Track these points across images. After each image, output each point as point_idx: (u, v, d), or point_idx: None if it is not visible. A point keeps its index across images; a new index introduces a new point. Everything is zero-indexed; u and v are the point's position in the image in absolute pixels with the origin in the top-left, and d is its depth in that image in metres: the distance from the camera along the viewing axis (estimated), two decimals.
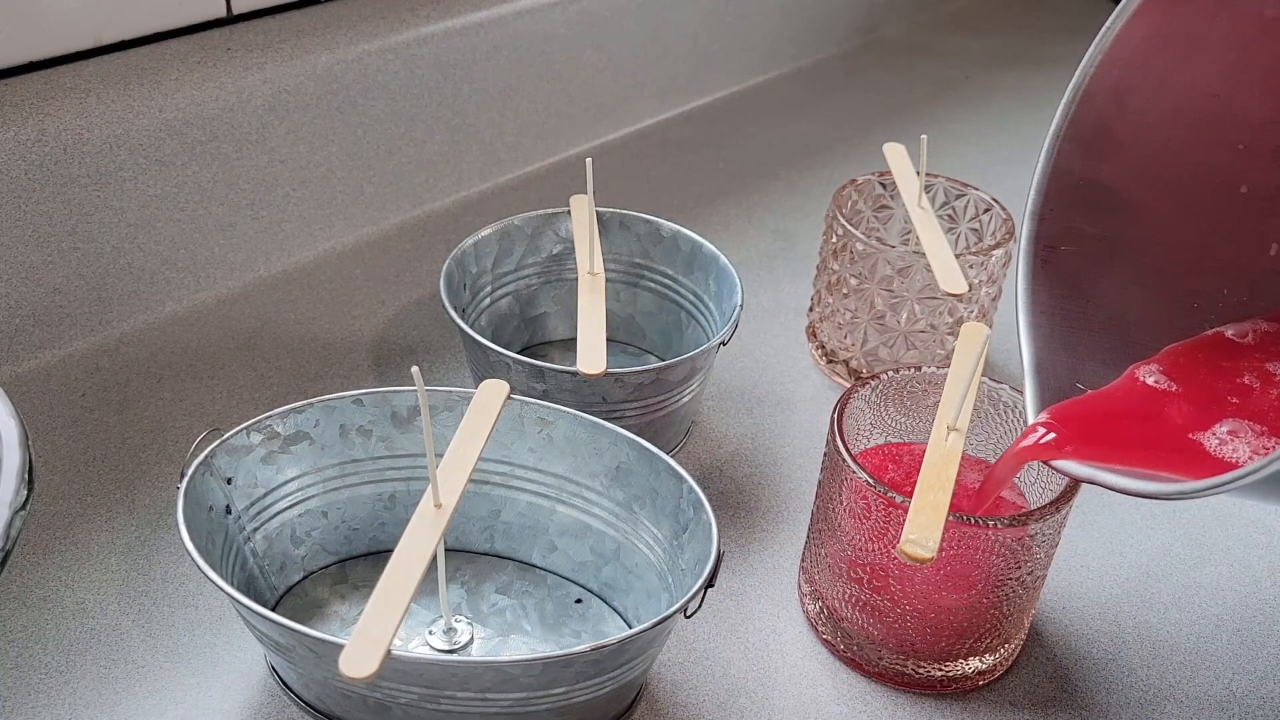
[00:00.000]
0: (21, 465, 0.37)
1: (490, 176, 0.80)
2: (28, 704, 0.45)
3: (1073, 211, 0.48)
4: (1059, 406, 0.45)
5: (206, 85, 0.63)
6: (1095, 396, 0.46)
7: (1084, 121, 0.48)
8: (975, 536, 0.43)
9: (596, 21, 0.82)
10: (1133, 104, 0.48)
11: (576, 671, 0.40)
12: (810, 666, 0.49)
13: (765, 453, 0.60)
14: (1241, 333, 0.48)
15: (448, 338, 0.66)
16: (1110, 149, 0.48)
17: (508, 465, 0.50)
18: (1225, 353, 0.47)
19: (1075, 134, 0.48)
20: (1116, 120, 0.48)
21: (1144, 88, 0.47)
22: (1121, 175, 0.49)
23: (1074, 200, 0.48)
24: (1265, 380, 0.46)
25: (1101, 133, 0.48)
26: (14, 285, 0.59)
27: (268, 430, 0.48)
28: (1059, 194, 0.48)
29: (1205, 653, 0.51)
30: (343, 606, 0.49)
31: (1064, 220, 0.48)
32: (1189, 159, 0.48)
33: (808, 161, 0.87)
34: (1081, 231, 0.48)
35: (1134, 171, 0.49)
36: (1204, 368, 0.46)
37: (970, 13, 1.17)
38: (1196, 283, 0.49)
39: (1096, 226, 0.48)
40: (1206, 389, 0.45)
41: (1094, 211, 0.49)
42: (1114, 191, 0.49)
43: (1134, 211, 0.49)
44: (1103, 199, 0.49)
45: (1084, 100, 0.48)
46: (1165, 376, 0.46)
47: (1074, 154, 0.48)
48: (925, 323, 0.61)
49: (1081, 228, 0.48)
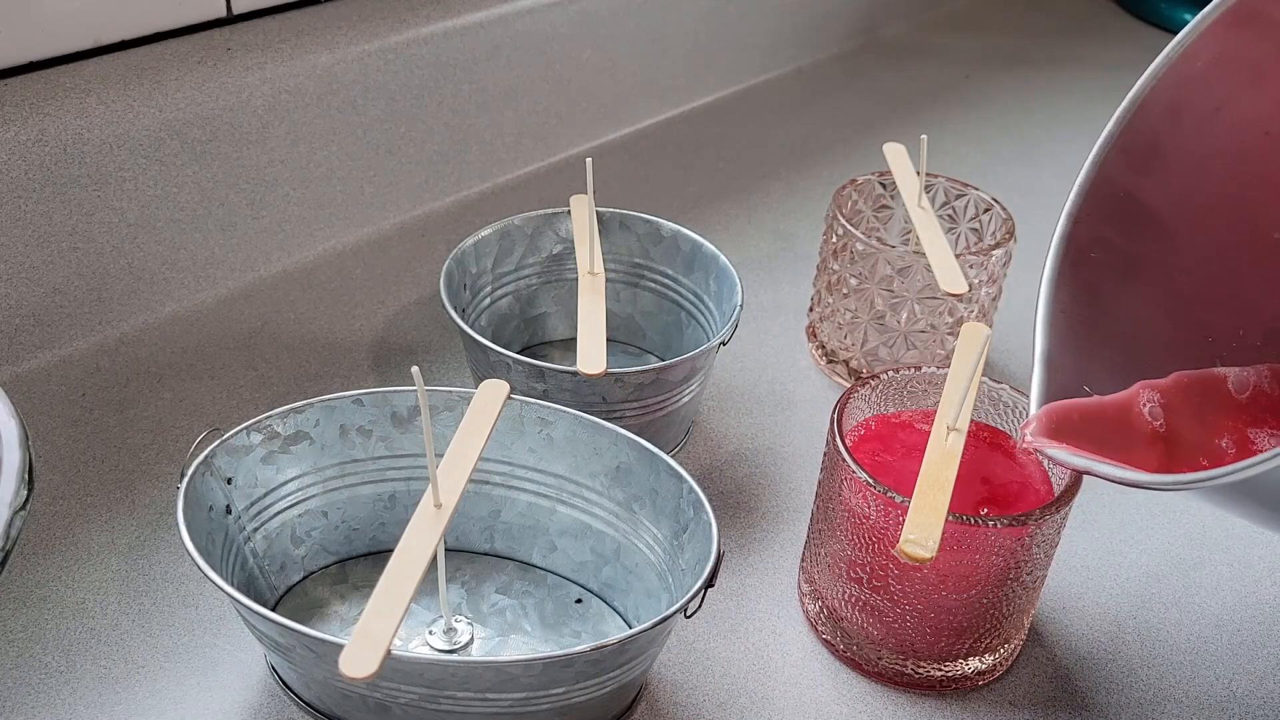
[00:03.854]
0: (21, 465, 0.37)
1: (490, 176, 0.80)
2: (28, 704, 0.45)
3: (1107, 221, 0.48)
4: (1061, 403, 0.45)
5: (206, 85, 0.63)
6: (1095, 403, 0.46)
7: (1136, 133, 0.48)
8: (975, 536, 0.43)
9: (596, 21, 0.82)
10: (1187, 124, 0.47)
11: (576, 671, 0.40)
12: (810, 666, 0.49)
13: (765, 453, 0.60)
14: (1242, 385, 0.48)
15: (448, 338, 0.66)
16: (1156, 166, 0.48)
17: (508, 465, 0.50)
18: (1217, 405, 0.47)
19: (1125, 144, 0.48)
20: (1168, 138, 0.47)
21: (1201, 110, 0.47)
22: (1161, 195, 0.48)
23: (1111, 211, 0.48)
24: (1241, 447, 0.46)
25: (1151, 148, 0.48)
26: (14, 285, 0.59)
27: (268, 430, 0.48)
28: (1098, 201, 0.48)
29: (1205, 653, 0.51)
30: (343, 606, 0.49)
31: (1097, 228, 0.48)
32: (1229, 193, 0.48)
33: (808, 161, 0.87)
34: (1111, 243, 0.48)
35: (1174, 194, 0.48)
36: (1193, 417, 0.46)
37: (970, 13, 1.17)
38: (1214, 317, 0.49)
39: (1127, 241, 0.48)
40: (1186, 441, 0.45)
41: (1127, 226, 0.48)
42: (1151, 210, 0.49)
43: (1166, 234, 0.49)
44: (1138, 215, 0.49)
45: (1140, 111, 0.47)
46: (1160, 409, 0.46)
47: (1120, 164, 0.48)
48: (925, 323, 0.61)
49: (1112, 239, 0.48)
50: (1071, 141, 0.91)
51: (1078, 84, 1.03)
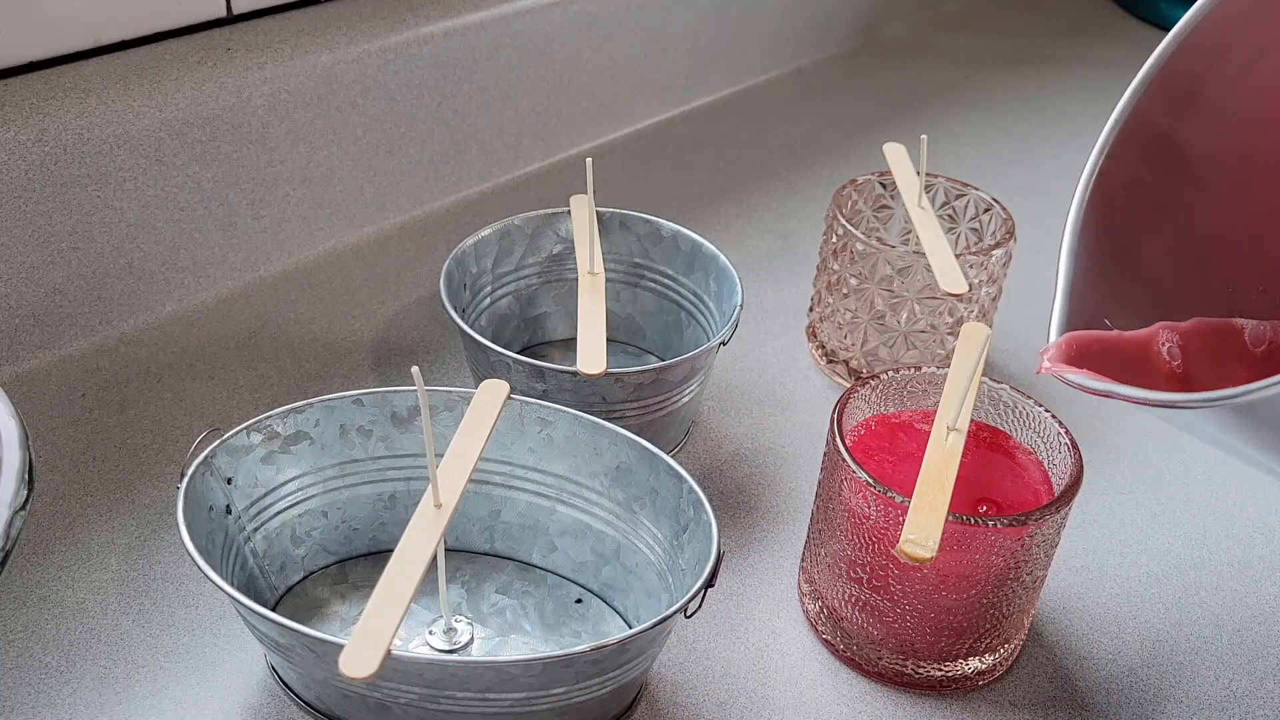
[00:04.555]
0: (21, 465, 0.37)
1: (490, 176, 0.80)
2: (28, 704, 0.45)
3: (1140, 161, 0.48)
4: (1082, 332, 0.45)
5: (206, 85, 0.63)
6: (1116, 336, 0.45)
7: (1175, 73, 0.47)
8: (975, 536, 0.43)
9: (596, 21, 0.82)
10: (1227, 68, 0.46)
11: (576, 671, 0.40)
12: (810, 666, 0.49)
13: (765, 453, 0.60)
14: (1258, 338, 0.48)
15: (448, 338, 0.66)
16: (1192, 110, 0.47)
17: (508, 465, 0.50)
18: (1233, 355, 0.47)
19: (1164, 84, 0.47)
20: (1207, 81, 0.47)
21: (1242, 54, 0.46)
22: (1196, 140, 0.48)
23: (1145, 151, 0.48)
24: None
25: (1189, 90, 0.47)
26: (14, 285, 0.59)
27: (268, 430, 0.48)
28: (1132, 139, 0.48)
29: (1205, 653, 0.51)
30: (343, 606, 0.49)
31: (1129, 167, 0.48)
32: (1264, 145, 0.48)
33: (808, 161, 0.87)
34: (1143, 183, 0.48)
35: (1209, 141, 0.48)
36: (1209, 363, 0.46)
37: (970, 13, 1.17)
38: (1237, 270, 0.49)
39: (1158, 183, 0.48)
40: (1200, 384, 0.45)
41: (1160, 168, 0.48)
42: (1185, 154, 0.48)
43: (1197, 181, 0.48)
44: (1172, 158, 0.48)
45: (1180, 50, 0.47)
46: (1179, 350, 0.46)
47: (1157, 104, 0.47)
48: (925, 323, 0.61)
49: (1144, 180, 0.48)
50: (1071, 141, 0.91)
51: (1078, 84, 1.03)
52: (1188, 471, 0.61)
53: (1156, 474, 0.60)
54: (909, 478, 0.46)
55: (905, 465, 0.48)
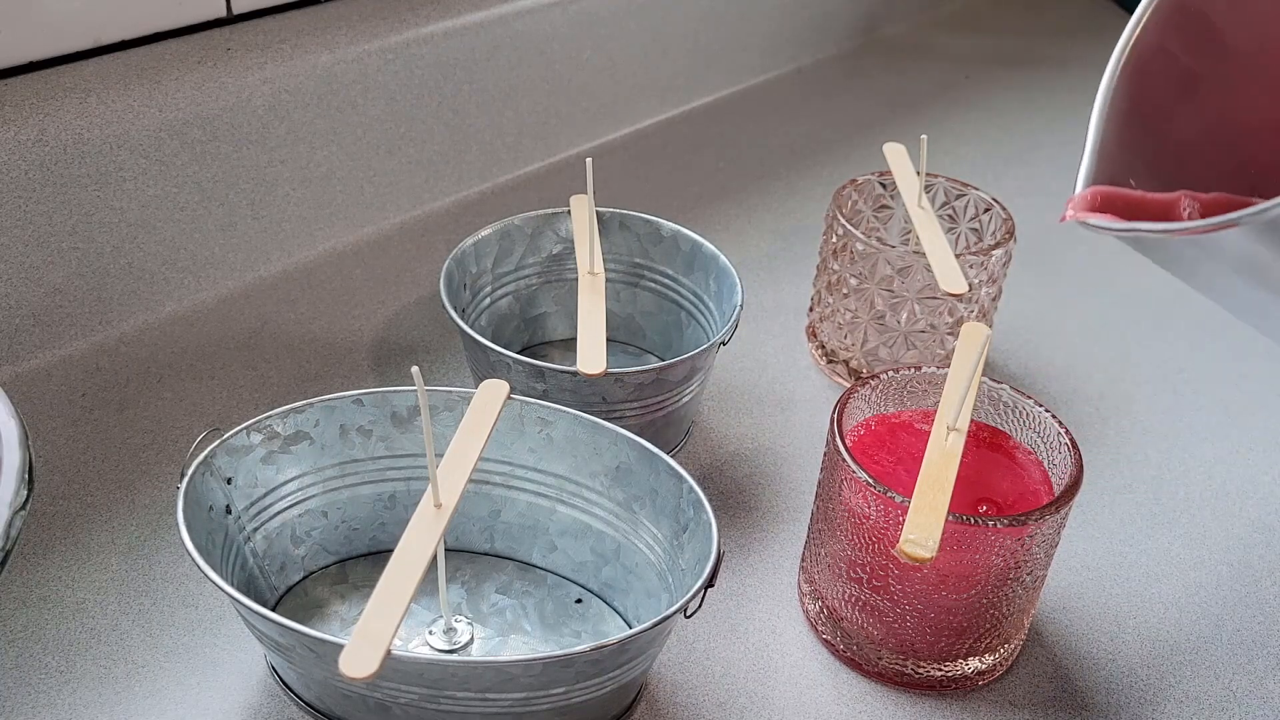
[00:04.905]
0: (21, 465, 0.37)
1: (490, 176, 0.80)
2: (28, 704, 0.45)
3: (1173, 32, 0.49)
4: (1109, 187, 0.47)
5: (206, 85, 0.63)
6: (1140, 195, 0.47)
7: None
8: (975, 536, 0.43)
9: (596, 21, 0.82)
10: None
11: (576, 671, 0.40)
12: (810, 666, 0.49)
13: (765, 453, 0.60)
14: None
15: (448, 338, 0.66)
16: None
17: (508, 465, 0.50)
18: None
19: None
20: None
21: None
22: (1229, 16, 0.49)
23: (1178, 23, 0.49)
24: None
25: None
26: (14, 285, 0.59)
27: (268, 430, 0.48)
28: (1166, 10, 0.49)
29: (1205, 653, 0.51)
30: (343, 606, 0.49)
31: (1161, 38, 0.49)
32: None
33: (808, 161, 0.87)
34: (1174, 56, 0.49)
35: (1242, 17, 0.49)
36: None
37: (970, 13, 1.17)
38: (1258, 150, 0.50)
39: (1189, 56, 0.50)
40: None
41: (1191, 41, 0.49)
42: (1217, 30, 0.50)
43: (1227, 57, 0.50)
44: (1204, 32, 0.50)
45: None
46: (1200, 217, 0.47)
47: None
48: (925, 323, 0.61)
49: (1175, 52, 0.49)
50: (1071, 142, 0.91)
51: (1078, 84, 1.03)
52: (1188, 471, 0.61)
53: (1156, 474, 0.60)
54: (909, 478, 0.46)
55: (905, 465, 0.48)
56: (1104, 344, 0.70)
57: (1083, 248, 0.78)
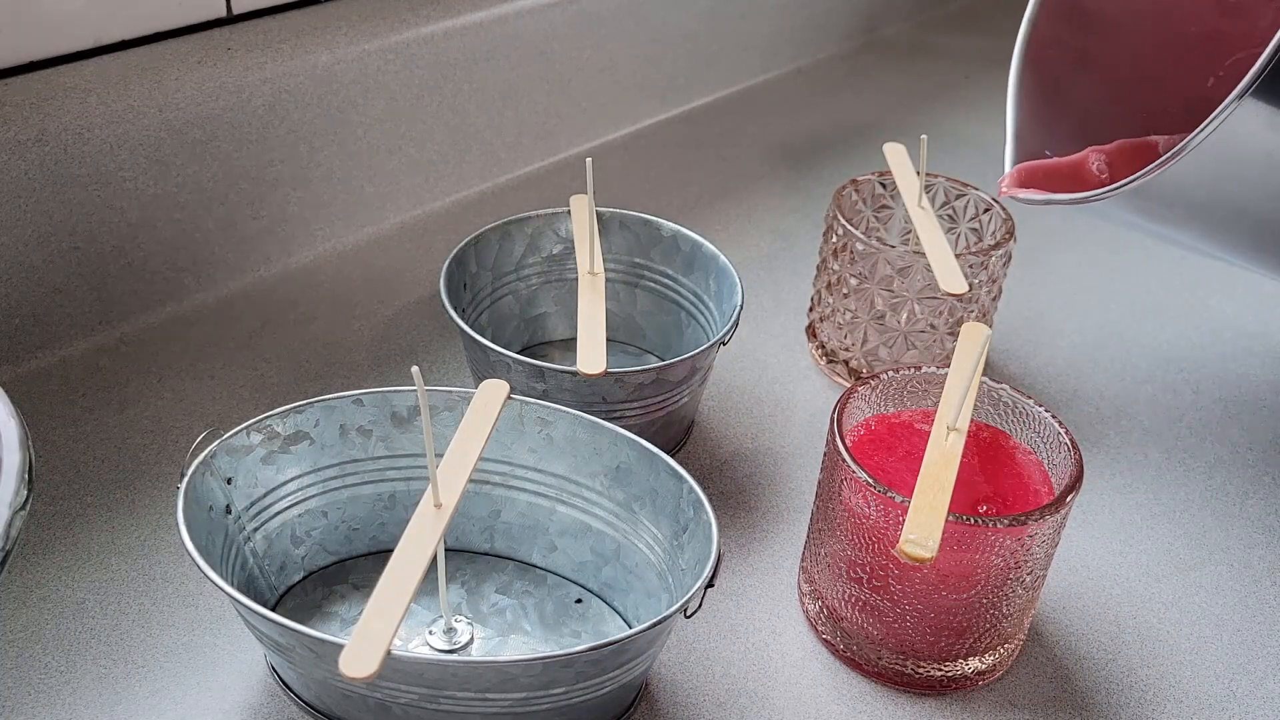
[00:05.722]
0: (21, 465, 0.37)
1: (490, 176, 0.80)
2: (28, 704, 0.45)
3: (1060, 23, 0.61)
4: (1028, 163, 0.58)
5: (206, 85, 0.63)
6: (1054, 162, 0.58)
7: None
8: (975, 536, 0.43)
9: (596, 21, 0.82)
10: None
11: (576, 671, 0.40)
12: (810, 666, 0.49)
13: (765, 453, 0.60)
14: (1168, 147, 0.58)
15: (448, 338, 0.66)
16: None
17: (508, 465, 0.50)
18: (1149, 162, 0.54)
19: None
20: None
21: None
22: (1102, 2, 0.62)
23: (1063, 15, 0.61)
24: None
25: None
26: (14, 285, 0.59)
27: (268, 430, 0.48)
28: (1051, 8, 0.61)
29: (1205, 653, 0.51)
30: (343, 606, 0.49)
31: (1052, 29, 0.61)
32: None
33: (808, 161, 0.87)
34: (1065, 41, 0.61)
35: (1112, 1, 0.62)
36: (1129, 166, 0.57)
37: (970, 13, 1.17)
38: (1147, 97, 0.61)
39: (1077, 39, 0.62)
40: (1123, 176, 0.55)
41: (1076, 27, 0.62)
42: (1095, 14, 0.62)
43: (1108, 32, 0.62)
44: (1085, 18, 0.62)
45: None
46: (1105, 165, 0.58)
47: None
48: (925, 323, 0.61)
49: (1065, 38, 0.61)
50: None
51: None
52: (1188, 471, 0.61)
53: (1156, 474, 0.60)
54: (909, 478, 0.46)
55: (905, 465, 0.48)
56: (1104, 344, 0.70)
57: (1083, 248, 0.78)
